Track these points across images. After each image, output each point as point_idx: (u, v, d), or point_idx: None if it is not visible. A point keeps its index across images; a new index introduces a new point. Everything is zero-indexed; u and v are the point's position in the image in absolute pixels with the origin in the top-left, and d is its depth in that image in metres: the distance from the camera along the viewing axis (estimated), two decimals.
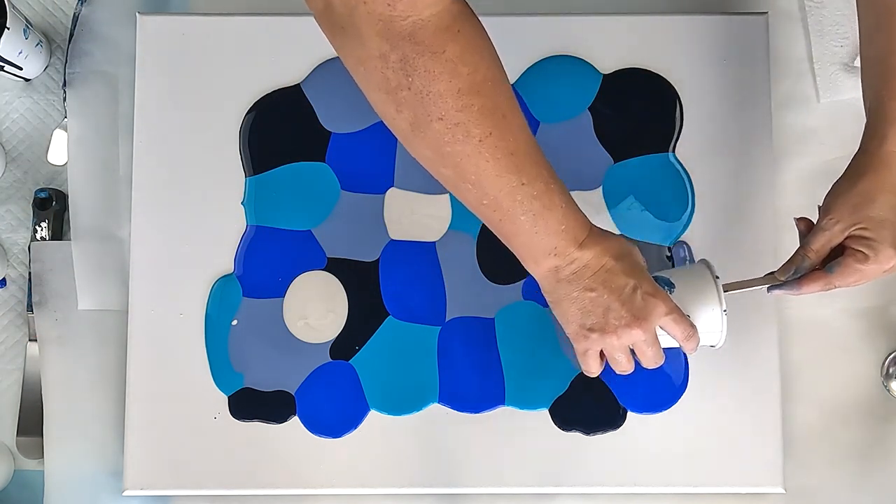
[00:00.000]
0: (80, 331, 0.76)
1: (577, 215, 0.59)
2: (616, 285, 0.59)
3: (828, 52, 0.78)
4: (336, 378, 0.74)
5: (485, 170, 0.54)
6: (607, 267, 0.59)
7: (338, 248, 0.75)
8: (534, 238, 0.58)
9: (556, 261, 0.59)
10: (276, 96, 0.76)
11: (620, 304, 0.59)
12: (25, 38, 0.73)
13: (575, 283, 0.60)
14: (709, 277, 0.63)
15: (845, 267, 0.61)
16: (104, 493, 0.75)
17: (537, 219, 0.57)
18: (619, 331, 0.60)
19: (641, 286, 0.60)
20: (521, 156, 0.55)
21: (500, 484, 0.73)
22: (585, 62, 0.76)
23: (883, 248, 0.60)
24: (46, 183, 0.78)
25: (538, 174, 0.56)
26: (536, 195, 0.56)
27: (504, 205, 0.56)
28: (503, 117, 0.53)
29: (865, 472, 0.75)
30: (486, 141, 0.53)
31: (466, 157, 0.54)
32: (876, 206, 0.60)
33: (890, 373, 0.75)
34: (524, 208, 0.56)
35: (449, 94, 0.51)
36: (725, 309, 0.63)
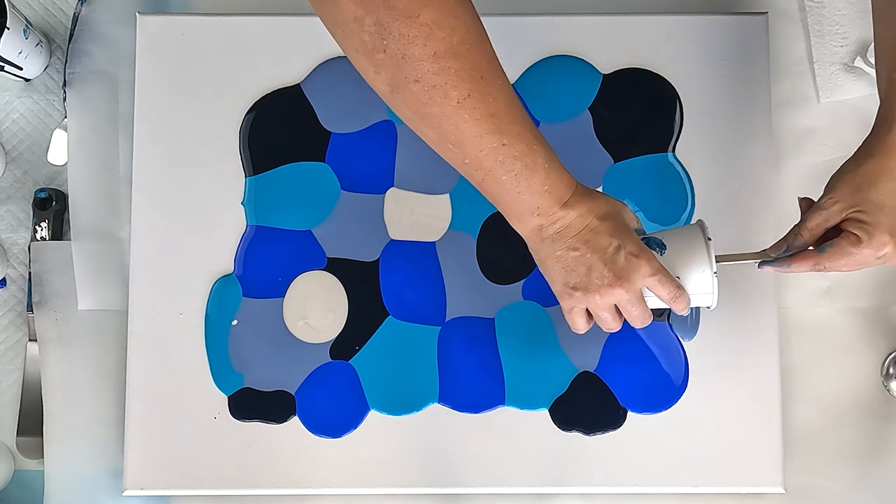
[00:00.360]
0: (80, 331, 0.76)
1: (561, 175, 0.59)
2: (599, 245, 0.59)
3: (828, 52, 0.78)
4: (336, 378, 0.74)
5: (465, 131, 0.54)
6: (591, 227, 0.59)
7: (338, 248, 0.75)
8: (517, 198, 0.58)
9: (539, 220, 0.59)
10: (276, 96, 0.76)
11: (603, 264, 0.59)
12: (25, 38, 0.73)
13: (558, 243, 0.60)
14: (701, 239, 0.62)
15: (837, 248, 0.61)
16: (104, 493, 0.75)
17: (519, 179, 0.57)
18: (602, 290, 0.60)
19: (625, 246, 0.60)
20: (502, 117, 0.55)
21: (500, 484, 0.73)
22: (585, 62, 0.76)
23: (878, 234, 0.59)
24: (46, 183, 0.78)
25: (520, 135, 0.56)
26: (518, 156, 0.56)
27: (486, 165, 0.56)
28: (482, 79, 0.53)
29: (865, 472, 0.75)
30: (464, 103, 0.53)
31: (446, 119, 0.54)
32: (877, 189, 0.59)
33: (890, 373, 0.75)
34: (506, 168, 0.56)
35: (425, 57, 0.51)
36: (716, 271, 0.62)
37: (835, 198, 0.61)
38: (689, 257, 0.62)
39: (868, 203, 0.59)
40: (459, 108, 0.53)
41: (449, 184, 0.75)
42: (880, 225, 0.59)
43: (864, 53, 0.77)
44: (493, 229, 0.75)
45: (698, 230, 0.63)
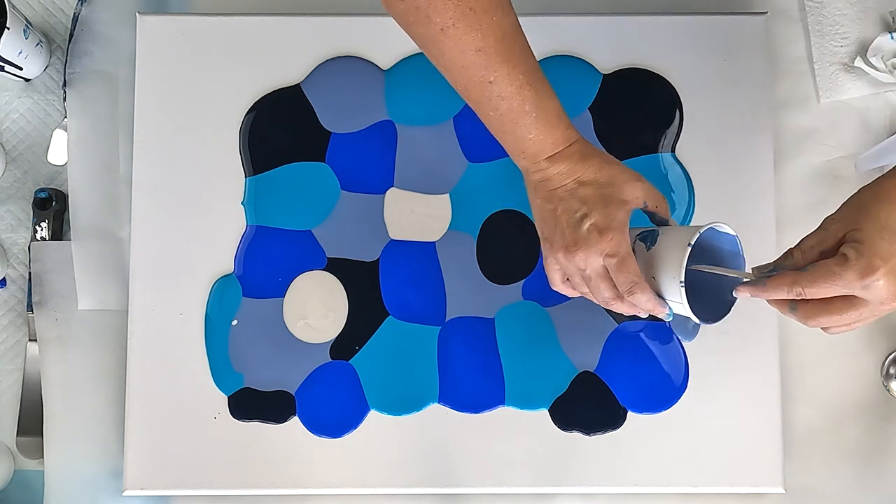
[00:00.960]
0: (80, 331, 0.76)
1: (552, 128, 0.58)
2: (568, 207, 0.59)
3: (828, 52, 0.78)
4: (336, 378, 0.74)
5: (450, 59, 0.55)
6: (568, 188, 0.59)
7: (338, 248, 0.75)
8: (503, 136, 0.59)
9: (525, 163, 0.60)
10: (276, 96, 0.76)
11: (567, 226, 0.59)
12: (25, 38, 0.73)
13: (539, 192, 0.61)
14: (684, 242, 0.57)
15: (820, 267, 0.52)
16: (104, 493, 0.75)
17: (504, 119, 0.57)
18: (563, 251, 0.59)
19: (592, 217, 0.58)
20: (491, 53, 0.55)
21: (500, 484, 0.73)
22: (585, 62, 0.76)
23: (868, 255, 0.50)
24: (46, 183, 0.78)
25: (509, 76, 0.56)
26: (504, 97, 0.56)
27: (473, 97, 0.57)
28: (470, 10, 0.53)
29: (865, 472, 0.75)
30: (448, 31, 0.53)
31: (431, 42, 0.55)
32: (882, 208, 0.52)
33: (890, 373, 0.75)
34: (491, 106, 0.57)
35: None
36: (682, 280, 0.56)
37: (835, 217, 0.54)
38: (667, 258, 0.58)
39: (869, 222, 0.52)
40: (443, 35, 0.54)
41: (449, 184, 0.75)
42: (873, 247, 0.51)
43: (864, 53, 0.77)
44: (493, 229, 0.75)
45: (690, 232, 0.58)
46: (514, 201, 0.75)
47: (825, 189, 0.77)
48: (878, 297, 0.51)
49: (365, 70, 0.76)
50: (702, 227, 0.58)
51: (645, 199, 0.61)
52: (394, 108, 0.76)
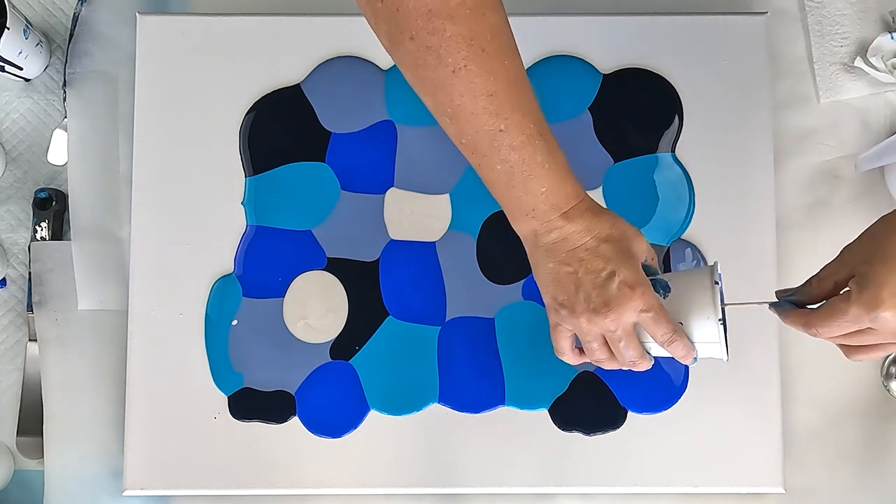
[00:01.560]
0: (80, 331, 0.76)
1: (564, 182, 0.56)
2: (593, 267, 0.56)
3: (828, 52, 0.78)
4: (336, 378, 0.74)
5: (460, 105, 0.52)
6: (588, 246, 0.56)
7: (338, 248, 0.75)
8: (511, 192, 0.55)
9: (534, 224, 0.56)
10: (276, 96, 0.76)
11: (592, 287, 0.56)
12: (25, 38, 0.73)
13: (552, 255, 0.57)
14: (707, 282, 0.57)
15: (828, 306, 0.53)
16: (104, 493, 0.75)
17: (514, 172, 0.54)
18: (588, 315, 0.56)
19: (620, 274, 0.56)
20: (503, 99, 0.52)
21: (500, 484, 0.73)
22: (585, 62, 0.76)
23: (872, 288, 0.50)
24: (46, 183, 0.78)
25: (520, 124, 0.53)
26: (515, 147, 0.53)
27: (481, 148, 0.54)
28: (483, 51, 0.51)
29: (865, 472, 0.75)
30: (459, 74, 0.51)
31: (440, 87, 0.52)
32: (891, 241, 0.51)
33: (890, 373, 0.75)
34: (500, 157, 0.54)
35: (418, 12, 0.49)
36: (721, 318, 0.57)
37: (851, 247, 0.54)
38: (693, 301, 0.57)
39: (877, 255, 0.51)
40: (455, 77, 0.51)
41: (449, 184, 0.75)
42: (879, 279, 0.50)
43: (863, 53, 0.77)
44: (493, 229, 0.75)
45: (706, 273, 0.58)
46: None
47: (825, 189, 0.77)
48: (889, 329, 0.51)
49: (365, 70, 0.76)
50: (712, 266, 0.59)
51: (646, 253, 0.60)
52: (394, 108, 0.76)
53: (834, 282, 0.54)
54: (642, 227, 0.74)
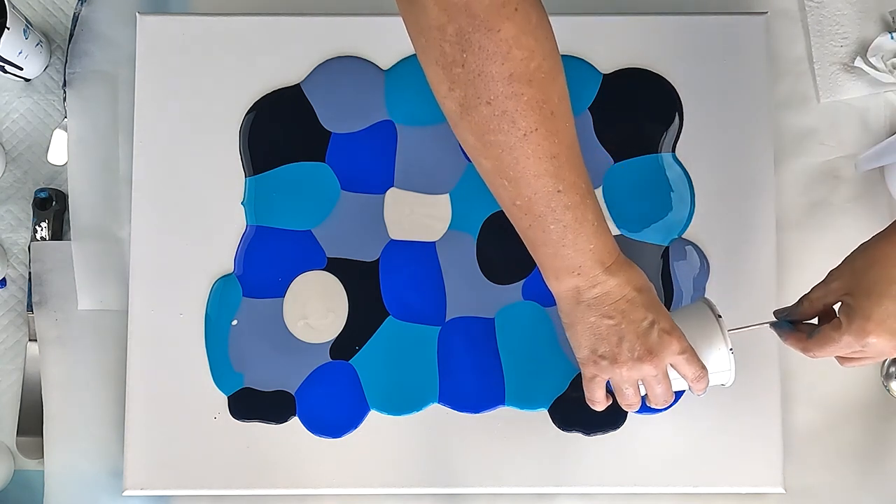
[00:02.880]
0: (80, 331, 0.76)
1: (607, 238, 0.58)
2: (635, 317, 0.59)
3: (828, 52, 0.78)
4: (336, 378, 0.74)
5: (524, 167, 0.53)
6: (629, 297, 0.59)
7: (338, 248, 0.75)
8: (560, 251, 0.57)
9: (578, 281, 0.58)
10: (276, 96, 0.76)
11: (636, 337, 0.59)
12: (25, 38, 0.73)
13: (594, 309, 0.59)
14: (711, 317, 0.62)
15: (822, 334, 0.59)
16: (104, 493, 0.75)
17: (567, 231, 0.56)
18: (631, 363, 0.60)
19: (659, 322, 0.59)
20: (563, 161, 0.54)
21: (500, 484, 0.73)
22: (585, 62, 0.76)
23: (858, 320, 0.56)
24: (46, 183, 0.78)
25: (575, 184, 0.55)
26: (570, 206, 0.55)
27: (536, 209, 0.55)
28: (552, 114, 0.52)
29: (865, 472, 0.75)
30: (530, 136, 0.52)
31: (508, 150, 0.53)
32: (871, 274, 0.56)
33: (890, 373, 0.75)
34: (556, 217, 0.55)
35: (500, 77, 0.50)
36: (732, 348, 0.62)
37: (836, 274, 0.59)
38: (702, 336, 0.62)
39: (859, 288, 0.56)
40: (525, 140, 0.52)
41: (449, 184, 0.75)
42: (862, 311, 0.55)
43: (863, 53, 0.77)
44: (493, 229, 0.75)
45: (706, 308, 0.63)
46: None
47: (825, 189, 0.77)
48: (878, 352, 0.57)
49: (365, 70, 0.76)
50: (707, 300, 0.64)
51: None
52: (394, 108, 0.76)
53: (823, 304, 0.60)
54: (643, 227, 0.74)
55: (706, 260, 0.75)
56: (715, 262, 0.74)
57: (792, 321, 0.63)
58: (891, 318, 0.55)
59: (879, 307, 0.55)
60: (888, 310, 0.54)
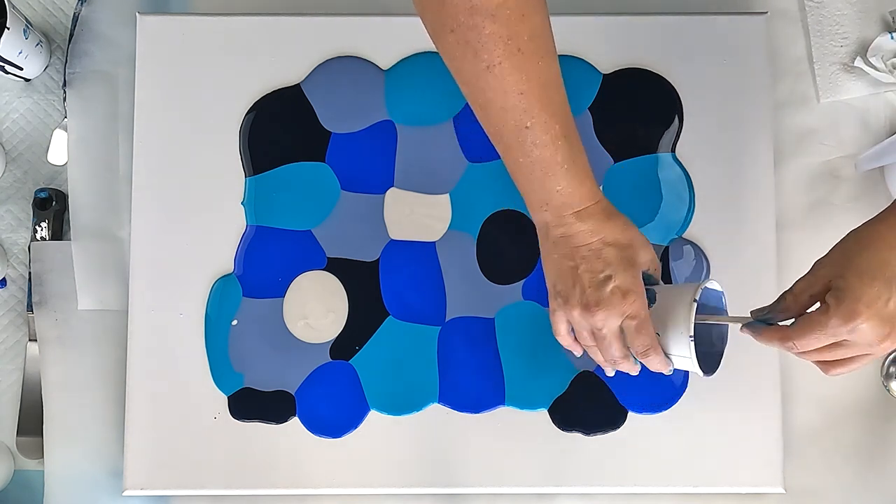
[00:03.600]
0: (80, 331, 0.76)
1: (581, 183, 0.58)
2: (593, 267, 0.59)
3: (828, 52, 0.78)
4: (336, 378, 0.74)
5: (491, 99, 0.54)
6: (593, 247, 0.59)
7: (338, 248, 0.75)
8: (529, 185, 0.58)
9: (547, 217, 0.59)
10: (276, 96, 0.76)
11: (588, 285, 0.59)
12: (25, 38, 0.73)
13: (559, 247, 0.60)
14: (688, 299, 0.59)
15: (806, 320, 0.54)
16: (104, 493, 0.75)
17: (535, 168, 0.56)
18: (580, 309, 0.59)
19: (616, 279, 0.58)
20: (533, 99, 0.54)
21: (500, 484, 0.73)
22: (585, 62, 0.76)
23: (849, 301, 0.52)
24: (46, 183, 0.78)
25: (546, 124, 0.55)
26: (539, 144, 0.55)
27: (506, 141, 0.56)
28: (518, 51, 0.53)
29: (865, 472, 0.75)
30: (493, 70, 0.53)
31: (474, 80, 0.54)
32: (864, 255, 0.53)
33: (890, 373, 0.75)
34: (524, 151, 0.56)
35: (463, 7, 0.51)
36: (692, 335, 0.58)
37: (824, 262, 0.56)
38: (671, 315, 0.60)
39: (851, 269, 0.53)
40: (488, 73, 0.53)
41: (449, 184, 0.75)
42: (855, 293, 0.52)
43: (863, 53, 0.77)
44: (493, 229, 0.75)
45: (691, 290, 0.59)
46: (514, 201, 0.75)
47: (825, 189, 0.77)
48: (865, 341, 0.53)
49: (365, 70, 0.76)
50: (700, 284, 0.60)
51: (650, 264, 0.62)
52: (394, 108, 0.76)
53: (809, 295, 0.56)
54: (642, 227, 0.74)
55: (706, 260, 0.75)
56: (714, 262, 0.74)
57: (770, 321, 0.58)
58: (881, 301, 0.51)
59: (871, 289, 0.51)
60: (879, 293, 0.51)
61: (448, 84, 0.75)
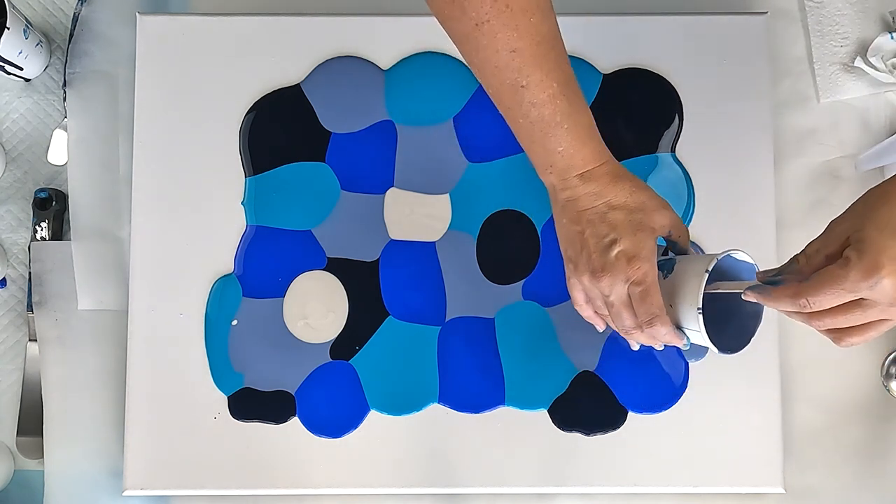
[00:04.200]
0: (80, 331, 0.76)
1: (585, 143, 0.56)
2: (598, 231, 0.57)
3: (828, 52, 0.78)
4: (336, 378, 0.74)
5: (484, 58, 0.53)
6: (597, 210, 0.57)
7: (338, 248, 0.75)
8: (532, 146, 0.57)
9: (553, 179, 0.58)
10: (276, 96, 0.76)
11: (594, 250, 0.57)
12: (25, 38, 0.73)
13: (567, 211, 0.58)
14: (701, 270, 0.56)
15: (822, 274, 0.50)
16: (104, 493, 0.75)
17: (534, 128, 0.55)
18: (588, 275, 0.58)
19: (622, 244, 0.56)
20: (527, 57, 0.53)
21: (500, 484, 0.73)
22: (585, 62, 0.76)
23: (870, 254, 0.48)
24: (46, 183, 0.78)
25: (542, 82, 0.54)
26: (536, 104, 0.54)
27: (504, 101, 0.55)
28: (507, 7, 0.51)
29: (865, 472, 0.75)
30: (483, 27, 0.52)
31: (466, 39, 0.53)
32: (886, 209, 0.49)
33: (890, 373, 0.75)
34: (522, 112, 0.55)
35: None
36: (700, 308, 0.55)
37: (840, 220, 0.52)
38: (683, 286, 0.57)
39: (872, 222, 0.49)
40: (478, 31, 0.52)
41: (449, 184, 0.75)
42: (877, 245, 0.48)
43: (863, 53, 0.77)
44: (493, 229, 0.75)
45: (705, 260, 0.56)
46: (514, 201, 0.75)
47: (825, 189, 0.77)
48: (886, 297, 0.48)
49: (365, 70, 0.76)
50: (718, 254, 0.57)
51: (670, 228, 0.59)
52: (394, 108, 0.76)
53: (825, 255, 0.51)
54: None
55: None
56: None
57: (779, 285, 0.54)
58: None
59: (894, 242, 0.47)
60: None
61: (448, 84, 0.76)
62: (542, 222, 0.75)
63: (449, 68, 0.76)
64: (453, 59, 0.76)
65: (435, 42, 0.76)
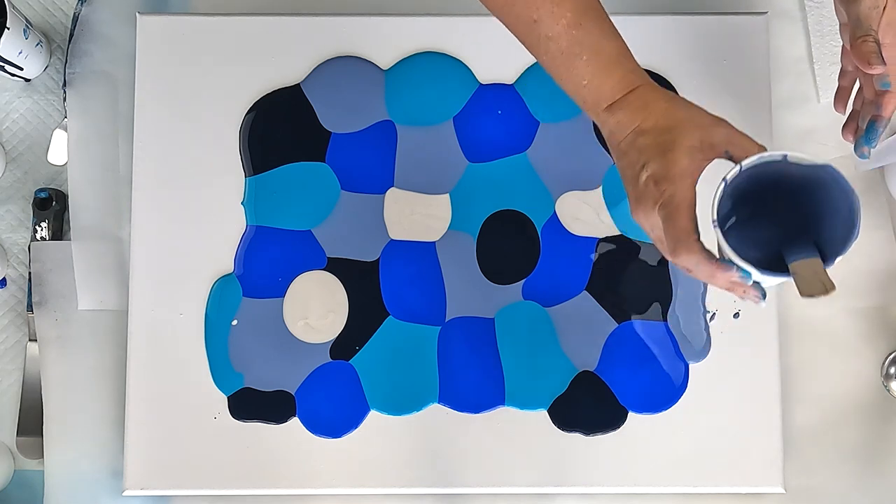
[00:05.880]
0: (80, 331, 0.76)
1: (609, 73, 0.53)
2: (630, 160, 0.53)
3: (828, 52, 0.78)
4: (336, 378, 0.74)
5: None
6: (628, 140, 0.53)
7: (338, 248, 0.75)
8: (561, 83, 0.54)
9: (592, 116, 0.55)
10: (276, 96, 0.76)
11: (629, 182, 0.53)
12: (25, 38, 0.73)
13: (611, 148, 0.55)
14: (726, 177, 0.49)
15: None
16: (104, 493, 0.75)
17: (557, 63, 0.53)
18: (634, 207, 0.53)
19: (649, 168, 0.51)
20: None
21: (500, 484, 0.73)
22: None
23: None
24: (46, 183, 0.78)
25: (553, 14, 0.51)
26: (552, 37, 0.52)
27: (524, 40, 0.53)
28: None
29: (865, 472, 0.75)
30: None
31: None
32: None
33: (890, 373, 0.75)
34: (542, 49, 0.53)
35: None
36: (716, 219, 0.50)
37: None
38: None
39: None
40: None
41: (449, 184, 0.75)
42: None
43: None
44: (493, 229, 0.75)
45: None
46: (514, 201, 0.75)
47: None
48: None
49: (365, 70, 0.76)
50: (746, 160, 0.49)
51: (727, 148, 0.52)
52: (394, 108, 0.76)
53: None
54: None
55: None
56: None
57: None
58: None
59: None
60: None
61: (448, 84, 0.76)
62: (542, 222, 0.75)
63: (449, 68, 0.76)
64: (453, 59, 0.76)
65: (435, 42, 0.76)
